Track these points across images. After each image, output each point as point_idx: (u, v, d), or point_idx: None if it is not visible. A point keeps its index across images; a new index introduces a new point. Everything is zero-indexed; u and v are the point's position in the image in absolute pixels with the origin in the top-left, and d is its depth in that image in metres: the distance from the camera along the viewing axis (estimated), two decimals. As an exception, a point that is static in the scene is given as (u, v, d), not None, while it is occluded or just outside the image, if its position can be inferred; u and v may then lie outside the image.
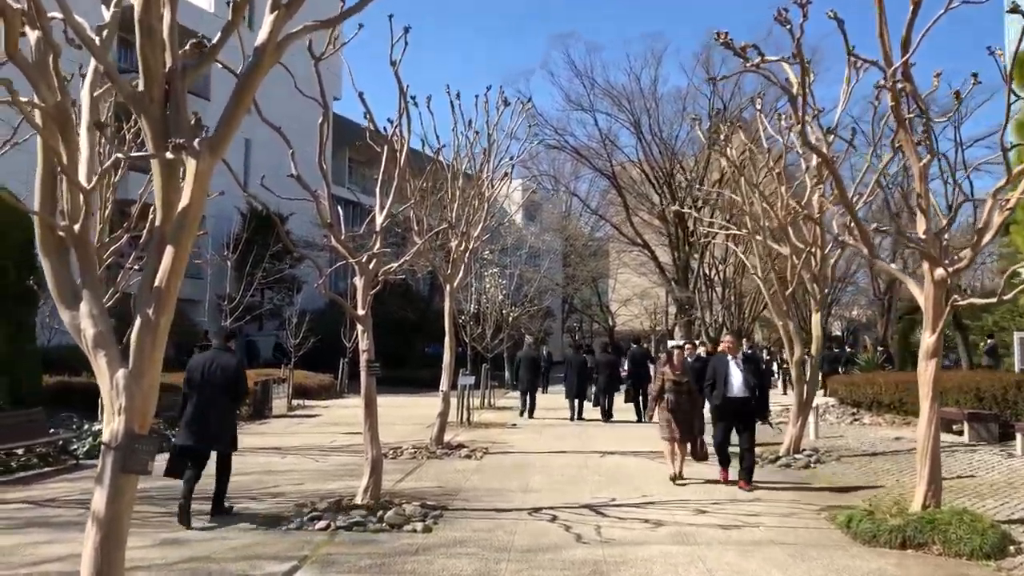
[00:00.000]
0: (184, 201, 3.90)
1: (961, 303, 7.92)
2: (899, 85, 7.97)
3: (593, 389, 20.80)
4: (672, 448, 10.80)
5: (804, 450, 12.83)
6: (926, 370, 8.10)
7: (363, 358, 8.91)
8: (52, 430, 12.77)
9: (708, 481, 10.62)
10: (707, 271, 45.19)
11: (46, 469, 11.49)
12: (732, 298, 46.34)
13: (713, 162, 39.61)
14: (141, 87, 3.91)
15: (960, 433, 14.21)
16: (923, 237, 8.03)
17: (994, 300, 7.61)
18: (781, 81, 8.91)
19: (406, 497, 9.12)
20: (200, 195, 3.92)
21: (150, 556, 6.80)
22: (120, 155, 4.27)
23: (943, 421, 15.28)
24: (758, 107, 13.30)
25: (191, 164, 3.90)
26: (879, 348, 28.58)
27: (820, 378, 32.65)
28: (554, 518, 8.39)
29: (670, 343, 24.62)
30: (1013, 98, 7.49)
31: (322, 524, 7.83)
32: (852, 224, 8.41)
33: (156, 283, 3.92)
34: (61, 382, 17.47)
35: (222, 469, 8.52)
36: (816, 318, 13.13)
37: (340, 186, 42.35)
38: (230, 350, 9.02)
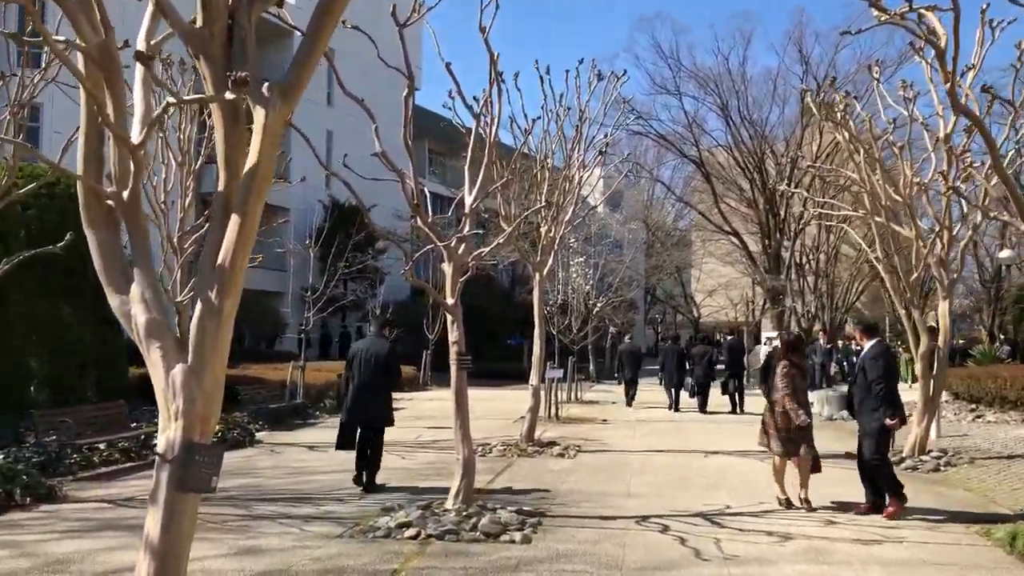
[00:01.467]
0: (251, 159, 3.21)
1: None
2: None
3: (690, 380, 20.61)
4: (783, 468, 8.60)
5: (930, 451, 11.66)
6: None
7: (453, 350, 8.22)
8: (135, 424, 12.50)
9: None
10: (798, 259, 43.43)
11: (127, 464, 11.13)
12: (824, 287, 44.48)
13: (810, 142, 37.92)
14: (199, 23, 3.22)
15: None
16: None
17: None
18: (917, 34, 7.80)
19: (500, 501, 8.40)
20: (270, 152, 3.22)
21: (224, 567, 6.22)
22: (171, 100, 3.57)
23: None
24: (876, 75, 12.11)
25: (259, 115, 3.20)
26: (1001, 338, 26.65)
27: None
28: (665, 528, 7.54)
29: (766, 335, 23.30)
30: None
31: (411, 532, 7.15)
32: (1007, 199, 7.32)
33: (219, 260, 3.23)
34: (147, 374, 17.37)
35: (376, 445, 9.51)
36: (943, 307, 11.89)
37: (421, 177, 42.00)
38: (385, 337, 10.05)
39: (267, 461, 11.77)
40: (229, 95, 3.03)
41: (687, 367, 20.85)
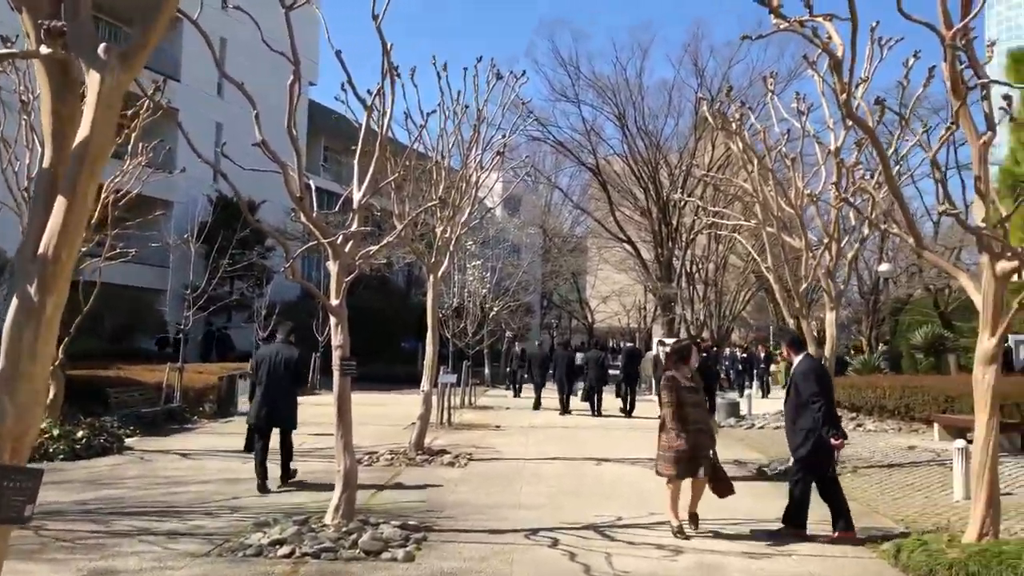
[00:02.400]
0: (83, 132, 2.72)
1: (1034, 301, 6.87)
2: (958, 51, 6.94)
3: (581, 384, 22.01)
4: (677, 492, 7.73)
5: (816, 460, 11.79)
6: (984, 378, 7.04)
7: (336, 355, 7.73)
8: None
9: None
10: (689, 268, 44.38)
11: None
12: (713, 296, 45.59)
13: (702, 154, 38.74)
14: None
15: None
16: (983, 226, 6.99)
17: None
18: (815, 44, 7.78)
19: (383, 515, 7.97)
20: (106, 124, 2.75)
21: (71, 594, 5.59)
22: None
23: (954, 429, 14.39)
24: (770, 86, 12.22)
25: (94, 81, 2.72)
26: (882, 346, 27.67)
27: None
28: (555, 542, 7.26)
29: (667, 342, 23.47)
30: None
31: (285, 550, 6.64)
32: (897, 211, 7.36)
33: (41, 249, 2.72)
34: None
35: (285, 444, 9.97)
36: (830, 317, 12.08)
37: (314, 175, 40.96)
38: (291, 343, 10.36)
39: (134, 470, 10.97)
40: (44, 49, 2.55)
41: (581, 371, 22.36)
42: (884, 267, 29.21)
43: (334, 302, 7.61)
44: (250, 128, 7.14)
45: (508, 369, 29.35)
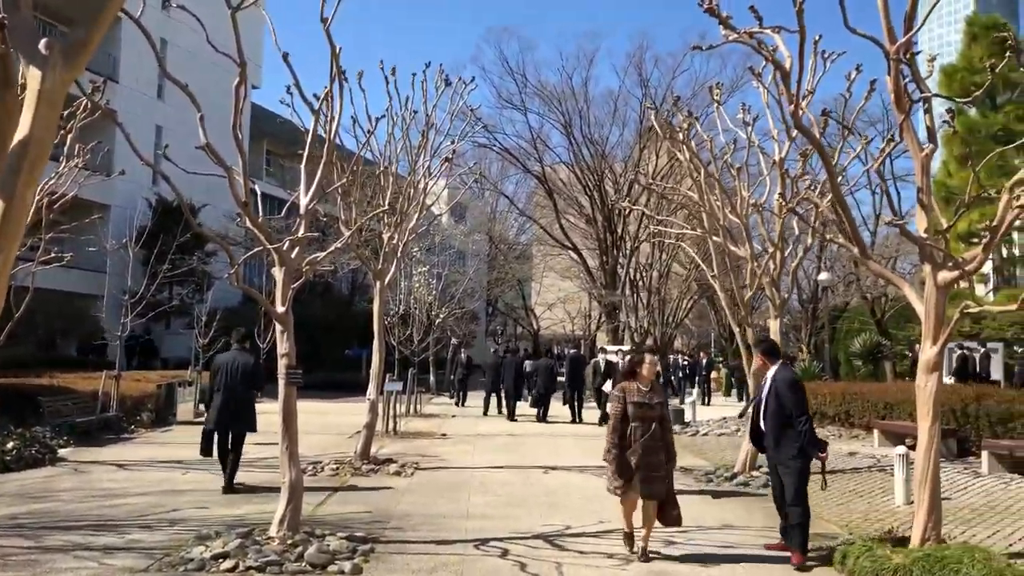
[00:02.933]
0: (22, 131, 2.58)
1: (973, 310, 7.03)
2: (902, 65, 7.09)
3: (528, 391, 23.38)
4: (630, 509, 7.20)
5: (760, 467, 11.92)
6: (926, 386, 7.18)
7: (282, 363, 7.55)
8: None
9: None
10: (633, 276, 44.76)
11: None
12: (656, 304, 46.04)
13: (647, 163, 39.10)
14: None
15: (915, 447, 13.53)
16: (925, 236, 7.14)
17: (1013, 307, 6.73)
18: (764, 55, 7.89)
19: (329, 526, 7.81)
20: (47, 124, 2.61)
21: (1, 615, 5.34)
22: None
23: (893, 435, 14.71)
24: (716, 96, 12.37)
25: (35, 77, 2.58)
26: (814, 357, 28.22)
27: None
28: (505, 552, 7.19)
29: (609, 350, 23.63)
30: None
31: (229, 564, 6.45)
32: (842, 222, 7.49)
33: (-26, 254, 2.57)
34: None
35: (237, 450, 10.20)
36: (774, 325, 12.25)
37: (257, 179, 40.25)
38: (247, 350, 10.70)
39: (68, 482, 10.59)
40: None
41: (527, 379, 23.29)
42: (824, 276, 29.86)
43: (280, 309, 7.44)
44: (191, 131, 6.95)
45: (452, 377, 27.99)
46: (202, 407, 20.60)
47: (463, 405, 25.34)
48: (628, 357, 8.60)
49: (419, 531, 7.99)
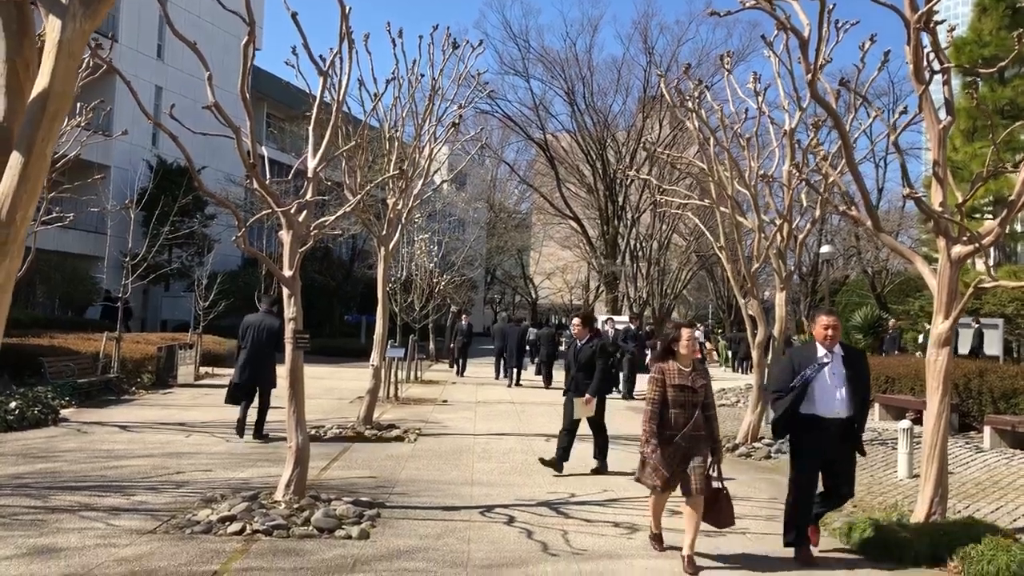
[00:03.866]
0: (41, 83, 2.50)
1: (988, 285, 6.98)
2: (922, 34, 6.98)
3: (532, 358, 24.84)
4: (659, 507, 6.50)
5: (762, 438, 11.96)
6: (936, 359, 7.15)
7: (289, 327, 7.50)
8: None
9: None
10: (633, 246, 44.69)
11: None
12: (656, 275, 46.04)
13: (650, 132, 38.87)
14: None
15: (917, 422, 13.57)
16: (940, 210, 7.06)
17: (1027, 283, 6.68)
18: (781, 23, 7.76)
19: (335, 491, 7.81)
20: (68, 75, 2.53)
21: (9, 573, 5.33)
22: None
23: (894, 409, 14.74)
24: (727, 65, 12.21)
25: (54, 27, 2.49)
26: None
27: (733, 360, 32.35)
28: (511, 520, 7.19)
29: (605, 319, 23.54)
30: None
31: (235, 527, 6.44)
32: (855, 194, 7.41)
33: (-7, 210, 2.50)
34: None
35: (263, 402, 11.17)
36: (780, 297, 12.22)
37: (257, 143, 40.02)
38: (273, 313, 11.33)
39: (71, 443, 10.59)
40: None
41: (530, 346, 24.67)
42: (826, 248, 29.80)
43: (287, 273, 7.38)
44: (191, 92, 6.97)
45: (451, 345, 27.34)
46: (204, 371, 20.72)
47: (463, 374, 24.76)
48: (671, 333, 6.60)
49: (424, 497, 7.99)
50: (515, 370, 22.35)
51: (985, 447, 11.47)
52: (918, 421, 13.46)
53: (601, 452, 9.67)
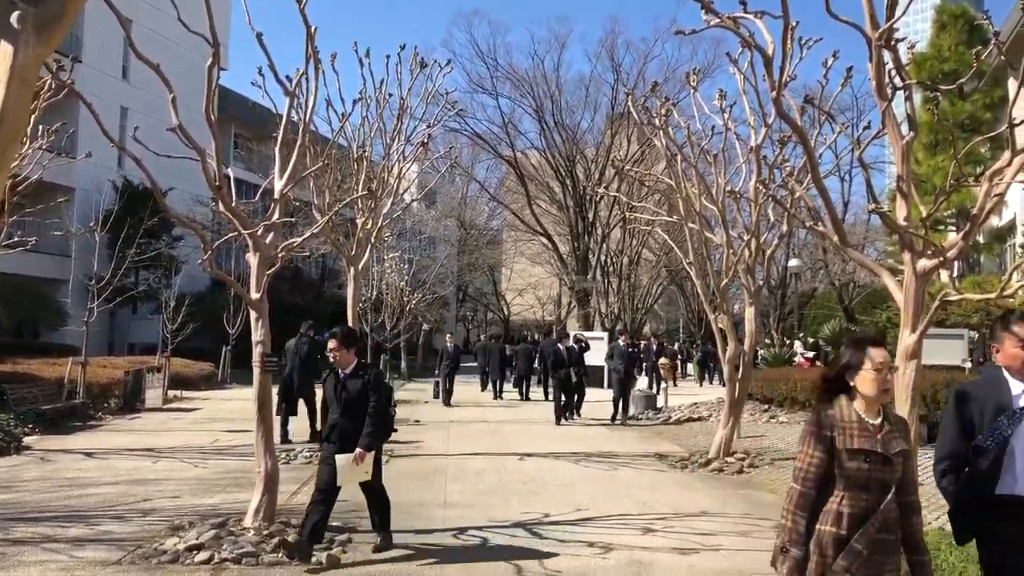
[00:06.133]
0: (-8, 109, 2.43)
1: (953, 298, 7.05)
2: (884, 52, 7.07)
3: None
4: None
5: (735, 452, 11.99)
6: (905, 373, 7.18)
7: (257, 351, 7.41)
8: None
9: None
10: (604, 262, 44.86)
11: None
12: (627, 290, 46.23)
13: (619, 149, 39.13)
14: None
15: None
16: (905, 224, 7.13)
17: (992, 296, 6.77)
18: (745, 41, 7.84)
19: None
20: (21, 103, 2.46)
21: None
22: None
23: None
24: (693, 82, 12.32)
25: (5, 53, 2.44)
26: (787, 342, 28.46)
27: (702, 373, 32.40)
28: (484, 542, 7.13)
29: (573, 336, 23.34)
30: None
31: (203, 556, 6.32)
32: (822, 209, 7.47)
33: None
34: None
35: (312, 409, 12.89)
36: (749, 312, 12.30)
37: (225, 163, 39.75)
38: (308, 336, 13.87)
39: (35, 471, 10.37)
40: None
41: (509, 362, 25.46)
42: (794, 262, 30.12)
43: (254, 296, 7.29)
44: (156, 113, 6.77)
45: (436, 372, 23.11)
46: (173, 394, 20.45)
47: (450, 404, 20.92)
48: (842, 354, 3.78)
49: (396, 520, 7.85)
50: (498, 384, 24.24)
51: (954, 457, 11.58)
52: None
53: (382, 523, 7.02)
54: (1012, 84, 28.43)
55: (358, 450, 6.48)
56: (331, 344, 6.66)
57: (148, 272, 30.04)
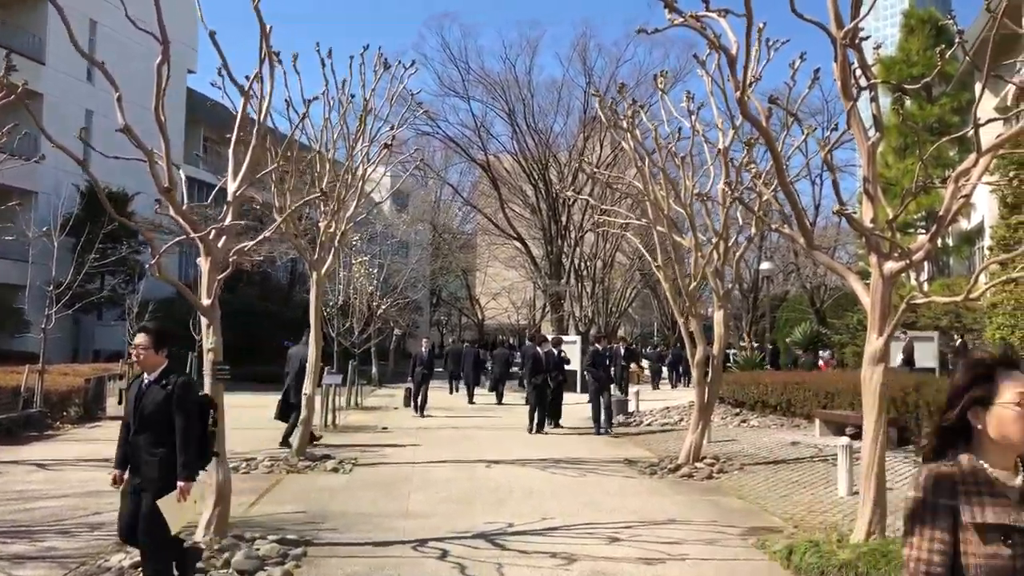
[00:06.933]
0: None
1: (920, 301, 6.95)
2: (849, 52, 6.96)
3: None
4: None
5: (704, 457, 11.86)
6: (872, 377, 7.08)
7: (208, 358, 7.15)
8: None
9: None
10: (577, 265, 44.79)
11: None
12: (601, 293, 46.20)
13: (591, 152, 39.07)
14: None
15: (856, 437, 13.61)
16: (872, 226, 7.03)
17: (959, 299, 6.67)
18: (709, 40, 7.70)
19: (261, 528, 7.44)
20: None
21: None
22: None
23: (834, 424, 14.79)
24: (661, 85, 12.19)
25: None
26: (755, 345, 28.46)
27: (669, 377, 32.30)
28: (444, 554, 6.91)
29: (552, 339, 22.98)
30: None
31: (149, 573, 6.05)
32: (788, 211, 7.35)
33: None
34: None
35: (296, 415, 12.87)
36: (719, 315, 12.18)
37: (193, 166, 39.29)
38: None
39: (-18, 484, 10.01)
40: None
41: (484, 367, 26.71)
42: (766, 265, 30.17)
43: (205, 302, 7.04)
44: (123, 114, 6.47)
45: (411, 379, 20.95)
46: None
47: (423, 414, 19.54)
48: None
49: (355, 532, 7.66)
50: (472, 388, 24.72)
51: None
52: (857, 436, 13.53)
53: None
54: (979, 88, 28.69)
55: (180, 484, 5.14)
56: (138, 340, 5.32)
57: (113, 277, 29.50)
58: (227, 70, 7.89)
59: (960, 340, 21.55)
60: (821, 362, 25.74)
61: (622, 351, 29.85)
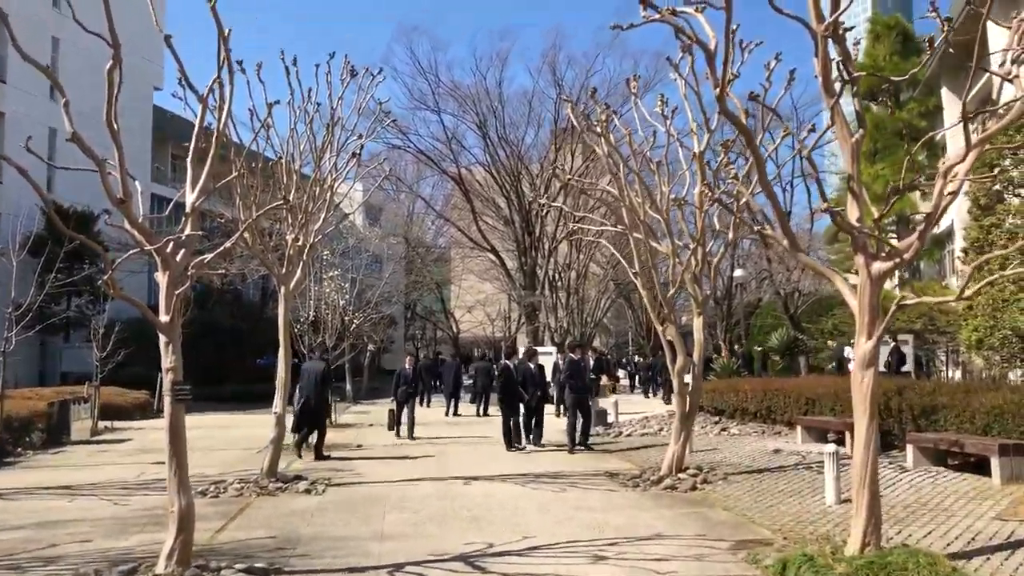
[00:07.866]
0: None
1: (911, 302, 6.73)
2: (830, 46, 6.76)
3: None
4: None
5: (687, 468, 11.59)
6: (862, 382, 6.85)
7: (167, 379, 6.77)
8: None
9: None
10: (551, 276, 44.59)
11: None
12: (575, 304, 45.96)
13: (563, 163, 38.89)
14: None
15: (840, 443, 13.42)
16: (857, 225, 6.80)
17: (950, 300, 6.45)
18: (685, 36, 7.47)
19: (227, 556, 7.06)
20: None
21: None
22: None
23: (816, 431, 14.59)
24: (633, 89, 11.97)
25: None
26: (733, 353, 28.32)
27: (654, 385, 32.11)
28: (421, 580, 6.57)
29: (526, 352, 22.56)
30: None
31: (104, 610, 5.67)
32: (770, 214, 7.11)
33: None
34: None
35: (320, 432, 14.44)
36: (698, 322, 11.95)
37: (162, 184, 38.65)
38: (324, 359, 16.07)
39: (-67, 517, 9.51)
40: None
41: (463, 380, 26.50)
42: (739, 272, 30.08)
43: (163, 319, 6.66)
44: (86, 131, 6.09)
45: (393, 399, 18.66)
46: (104, 425, 19.43)
47: (412, 437, 17.72)
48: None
49: (327, 557, 7.29)
50: (453, 401, 24.84)
51: (909, 466, 11.31)
52: (840, 442, 13.33)
53: None
54: (945, 93, 28.71)
55: None
56: None
57: (79, 297, 28.83)
58: (185, 78, 7.56)
59: (894, 344, 21.34)
60: (851, 365, 25.47)
61: (591, 362, 29.50)
